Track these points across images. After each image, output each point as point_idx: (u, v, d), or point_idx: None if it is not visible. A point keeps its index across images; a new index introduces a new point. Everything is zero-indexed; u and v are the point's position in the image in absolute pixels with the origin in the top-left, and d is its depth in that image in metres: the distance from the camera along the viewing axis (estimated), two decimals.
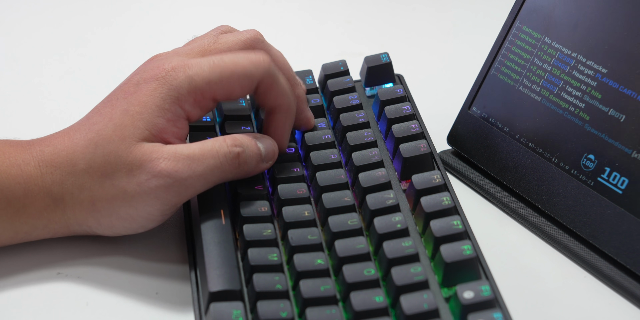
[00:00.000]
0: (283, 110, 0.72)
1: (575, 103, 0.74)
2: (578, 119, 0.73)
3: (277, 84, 0.71)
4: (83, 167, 0.68)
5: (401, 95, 0.78)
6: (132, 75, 0.71)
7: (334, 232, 0.68)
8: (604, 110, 0.72)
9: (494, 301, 0.63)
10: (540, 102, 0.76)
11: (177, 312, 0.69)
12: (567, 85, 0.75)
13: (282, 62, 0.74)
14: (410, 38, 0.99)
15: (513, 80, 0.78)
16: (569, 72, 0.75)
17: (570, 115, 0.73)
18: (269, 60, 0.70)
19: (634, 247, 0.70)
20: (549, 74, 0.76)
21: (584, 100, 0.73)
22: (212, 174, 0.69)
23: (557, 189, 0.74)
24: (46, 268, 0.71)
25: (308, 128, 0.76)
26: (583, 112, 0.73)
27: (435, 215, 0.69)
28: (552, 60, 0.76)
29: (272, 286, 0.65)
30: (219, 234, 0.68)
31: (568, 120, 0.74)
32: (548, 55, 0.76)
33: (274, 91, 0.71)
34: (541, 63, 0.76)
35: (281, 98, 0.71)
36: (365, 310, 0.63)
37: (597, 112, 0.72)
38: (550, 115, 0.75)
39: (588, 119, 0.72)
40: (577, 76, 0.74)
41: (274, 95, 0.71)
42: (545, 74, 0.76)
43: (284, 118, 0.72)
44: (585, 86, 0.74)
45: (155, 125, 0.69)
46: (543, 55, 0.76)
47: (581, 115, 0.73)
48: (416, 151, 0.74)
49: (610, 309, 0.70)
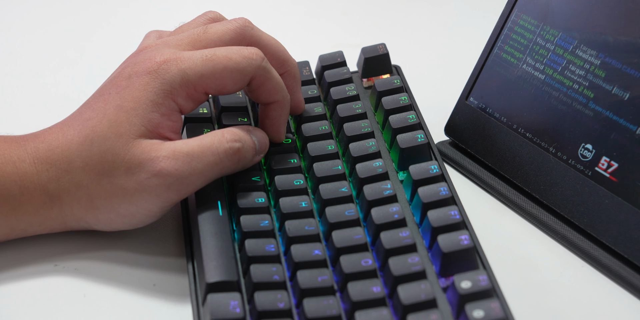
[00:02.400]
0: (278, 106, 0.72)
1: (574, 87, 0.74)
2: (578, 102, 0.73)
3: (270, 79, 0.70)
4: (79, 164, 0.68)
5: (398, 85, 0.78)
6: (122, 68, 0.71)
7: (331, 223, 0.68)
8: (608, 88, 0.71)
9: (491, 291, 0.63)
10: (538, 92, 0.76)
11: (175, 304, 0.69)
12: (565, 71, 0.75)
13: (275, 45, 0.73)
14: (407, 29, 0.99)
15: (511, 70, 0.78)
16: (568, 60, 0.75)
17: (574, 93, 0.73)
18: (262, 55, 0.70)
19: (631, 237, 0.70)
20: (545, 65, 0.76)
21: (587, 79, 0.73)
22: (212, 171, 0.69)
23: (555, 179, 0.74)
24: (43, 261, 0.71)
25: (298, 112, 0.76)
26: (586, 90, 0.73)
27: (433, 205, 0.69)
28: (549, 49, 0.76)
29: (270, 277, 0.65)
30: (216, 226, 0.68)
31: (566, 109, 0.74)
32: (547, 41, 0.76)
33: (268, 87, 0.71)
34: (539, 51, 0.76)
35: (275, 94, 0.71)
36: (362, 301, 0.63)
37: (600, 91, 0.72)
38: (549, 105, 0.75)
39: (592, 96, 0.72)
40: (576, 62, 0.74)
41: (267, 90, 0.71)
42: (542, 65, 0.76)
43: (279, 112, 0.72)
44: (584, 71, 0.73)
45: (151, 121, 0.68)
46: (541, 43, 0.76)
47: (585, 93, 0.73)
48: (413, 142, 0.74)
49: (608, 298, 0.70)
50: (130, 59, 0.71)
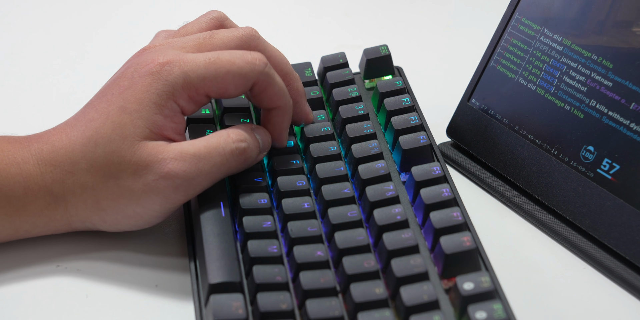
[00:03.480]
0: (280, 111, 0.72)
1: (576, 89, 0.74)
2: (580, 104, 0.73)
3: (272, 85, 0.70)
4: (84, 166, 0.68)
5: (400, 87, 0.78)
6: (125, 68, 0.71)
7: (334, 224, 0.68)
8: (609, 91, 0.71)
9: (493, 292, 0.63)
10: (540, 93, 0.76)
11: (177, 304, 0.69)
12: (566, 76, 0.75)
13: (279, 57, 0.73)
14: (409, 31, 0.99)
15: (512, 71, 0.78)
16: (569, 63, 0.75)
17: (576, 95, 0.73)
18: (265, 61, 0.70)
19: (633, 238, 0.70)
20: (547, 65, 0.76)
21: (589, 82, 0.73)
22: (219, 171, 0.69)
23: (557, 180, 0.74)
24: (45, 262, 0.71)
25: (307, 123, 0.76)
26: (588, 92, 0.73)
27: (435, 206, 0.69)
28: (551, 51, 0.76)
29: (272, 278, 0.65)
30: (218, 227, 0.68)
31: (568, 111, 0.74)
32: (547, 46, 0.76)
33: (270, 93, 0.71)
34: (540, 54, 0.76)
35: (277, 100, 0.71)
36: (365, 302, 0.63)
37: (602, 93, 0.72)
38: (550, 106, 0.75)
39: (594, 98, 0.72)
40: (576, 67, 0.74)
41: (269, 96, 0.71)
42: (544, 65, 0.76)
43: (281, 118, 0.72)
44: (586, 77, 0.73)
45: (155, 123, 0.68)
46: (542, 46, 0.76)
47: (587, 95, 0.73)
48: (416, 143, 0.74)
49: (609, 300, 0.70)
50: (133, 59, 0.71)
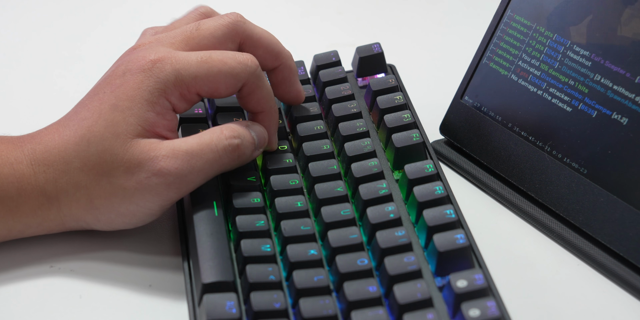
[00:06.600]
0: (265, 116, 0.72)
1: (569, 85, 0.74)
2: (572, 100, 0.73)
3: (261, 88, 0.71)
4: (77, 165, 0.68)
5: (393, 85, 0.78)
6: (116, 66, 0.71)
7: (327, 223, 0.68)
8: (601, 87, 0.71)
9: (487, 290, 0.63)
10: (533, 90, 0.76)
11: (171, 304, 0.68)
12: (558, 73, 0.75)
13: (269, 38, 0.73)
14: (401, 28, 0.99)
15: (505, 68, 0.78)
16: (561, 60, 0.75)
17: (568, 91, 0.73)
18: (256, 62, 0.70)
19: (627, 235, 0.70)
20: (540, 62, 0.76)
21: (581, 78, 0.73)
22: (212, 168, 0.69)
23: (550, 177, 0.74)
24: (39, 262, 0.71)
25: (299, 102, 0.76)
26: (580, 88, 0.73)
27: (428, 204, 0.69)
28: (542, 49, 0.76)
29: (266, 277, 0.65)
30: (211, 226, 0.68)
31: (560, 108, 0.74)
32: (539, 43, 0.76)
33: (257, 95, 0.71)
34: (532, 51, 0.76)
35: (264, 103, 0.71)
36: (358, 300, 0.63)
37: (594, 89, 0.72)
38: (543, 103, 0.75)
39: (587, 93, 0.72)
40: (569, 63, 0.74)
41: (256, 99, 0.71)
42: (537, 62, 0.76)
43: (267, 123, 0.72)
44: (577, 72, 0.73)
45: (147, 120, 0.68)
46: (534, 43, 0.76)
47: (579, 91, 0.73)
48: (409, 141, 0.74)
49: (603, 296, 0.70)
50: (124, 57, 0.71)
